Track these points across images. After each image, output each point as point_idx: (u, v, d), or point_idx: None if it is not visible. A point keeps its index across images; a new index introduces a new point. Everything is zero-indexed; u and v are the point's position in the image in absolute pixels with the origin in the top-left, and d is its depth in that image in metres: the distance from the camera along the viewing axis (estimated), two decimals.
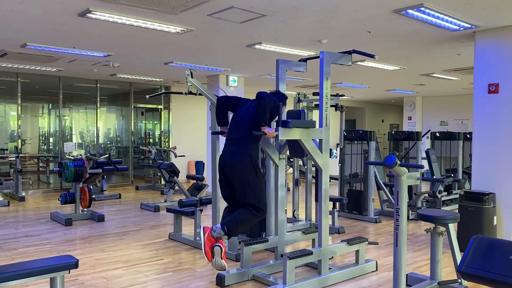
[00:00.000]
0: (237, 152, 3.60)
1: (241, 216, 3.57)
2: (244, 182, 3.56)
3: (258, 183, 3.63)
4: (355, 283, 4.04)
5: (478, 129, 5.24)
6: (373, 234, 6.01)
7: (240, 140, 3.64)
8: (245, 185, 3.57)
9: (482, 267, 2.33)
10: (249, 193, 3.56)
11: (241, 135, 3.64)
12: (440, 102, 13.85)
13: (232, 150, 3.66)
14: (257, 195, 3.58)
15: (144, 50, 6.78)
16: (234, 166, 3.59)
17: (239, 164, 3.56)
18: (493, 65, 5.09)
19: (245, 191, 3.57)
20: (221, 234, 3.51)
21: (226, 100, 3.98)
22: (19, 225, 6.34)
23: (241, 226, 3.62)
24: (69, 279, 3.98)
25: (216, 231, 3.51)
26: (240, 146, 3.62)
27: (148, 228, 6.22)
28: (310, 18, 4.84)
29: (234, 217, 3.57)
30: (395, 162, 3.09)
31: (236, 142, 3.66)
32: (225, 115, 4.00)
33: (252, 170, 3.57)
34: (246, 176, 3.55)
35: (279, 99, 3.73)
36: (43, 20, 5.00)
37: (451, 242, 3.62)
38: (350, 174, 7.27)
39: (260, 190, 3.63)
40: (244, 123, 3.65)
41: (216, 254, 3.46)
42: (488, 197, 4.93)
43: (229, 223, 3.54)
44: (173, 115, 11.79)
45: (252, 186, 3.57)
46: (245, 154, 3.58)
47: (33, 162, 10.88)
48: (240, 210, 3.60)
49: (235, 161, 3.59)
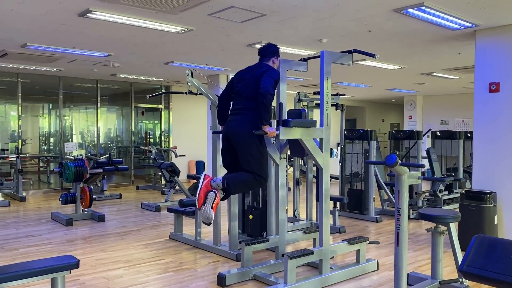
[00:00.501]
0: (243, 121, 3.58)
1: (243, 177, 3.56)
2: (248, 149, 3.55)
3: (262, 151, 3.63)
4: (356, 282, 4.04)
5: (479, 128, 5.24)
6: (374, 234, 6.00)
7: (246, 110, 3.61)
8: (249, 152, 3.55)
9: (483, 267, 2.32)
10: (252, 160, 3.55)
11: (247, 106, 3.61)
12: (441, 101, 13.84)
13: (238, 119, 3.64)
14: (260, 163, 3.58)
15: (144, 50, 6.77)
16: (239, 133, 3.58)
17: (245, 131, 3.53)
18: (493, 64, 5.08)
19: (248, 158, 3.56)
20: (219, 187, 3.48)
21: (224, 91, 3.95)
22: (20, 225, 6.34)
23: (241, 186, 3.61)
24: (70, 279, 3.98)
25: (216, 182, 3.48)
26: (246, 115, 3.59)
27: (149, 228, 6.22)
28: (310, 17, 4.84)
29: (237, 176, 3.57)
30: (396, 161, 3.08)
31: (242, 112, 3.64)
32: (226, 114, 3.99)
33: (256, 138, 3.57)
34: (251, 144, 3.54)
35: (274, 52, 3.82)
36: (43, 20, 5.00)
37: (452, 242, 3.61)
38: (350, 174, 7.26)
39: (263, 158, 3.62)
40: (249, 93, 3.60)
41: (208, 201, 3.41)
42: (489, 196, 4.93)
43: (230, 179, 3.52)
44: (174, 114, 11.79)
45: (255, 154, 3.56)
46: (250, 122, 3.54)
47: (33, 162, 10.88)
48: (243, 172, 3.58)
49: (241, 128, 3.57)
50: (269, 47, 3.88)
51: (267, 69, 3.62)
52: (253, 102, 3.52)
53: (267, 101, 3.40)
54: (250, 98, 3.58)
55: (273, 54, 3.84)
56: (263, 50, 3.88)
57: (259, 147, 3.59)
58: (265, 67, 3.67)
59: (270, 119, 3.49)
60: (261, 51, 3.89)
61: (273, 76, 3.52)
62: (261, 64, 3.78)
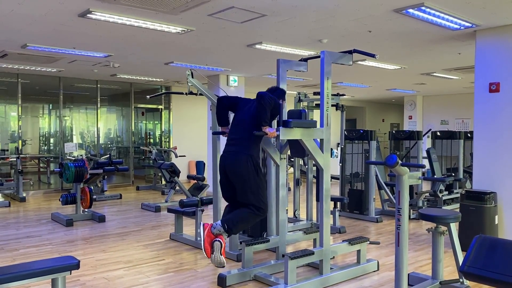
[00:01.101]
0: (238, 152, 3.61)
1: (242, 215, 3.57)
2: (245, 181, 3.56)
3: (259, 182, 3.63)
4: (357, 283, 4.04)
5: (479, 128, 5.24)
6: (374, 234, 6.00)
7: (241, 140, 3.64)
8: (246, 184, 3.57)
9: (484, 267, 2.32)
10: (250, 193, 3.56)
11: (242, 135, 3.65)
12: (441, 101, 13.84)
13: (233, 150, 3.67)
14: (258, 194, 3.58)
15: (144, 51, 6.77)
16: (234, 166, 3.59)
17: (240, 163, 3.56)
18: (494, 64, 5.08)
19: (246, 191, 3.57)
20: (221, 231, 3.50)
21: (227, 100, 3.98)
22: (20, 226, 6.34)
23: (242, 224, 3.62)
24: (70, 280, 3.98)
25: (216, 228, 3.50)
26: (241, 146, 3.62)
27: (149, 229, 6.22)
28: (310, 17, 4.84)
29: (235, 215, 3.58)
30: (397, 161, 3.08)
31: (237, 142, 3.67)
32: (225, 115, 4.00)
33: (253, 170, 3.57)
34: (247, 176, 3.55)
35: (279, 95, 3.78)
36: (43, 20, 5.00)
37: (453, 242, 3.61)
38: (351, 174, 7.26)
39: (261, 190, 3.63)
40: (245, 123, 3.65)
41: (215, 250, 3.44)
42: (489, 196, 4.92)
43: (230, 221, 3.53)
44: (174, 115, 11.79)
45: (253, 186, 3.56)
46: (245, 153, 3.59)
47: (33, 163, 10.88)
48: (241, 208, 3.60)
49: (236, 161, 3.59)
50: (277, 89, 3.93)
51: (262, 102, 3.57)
52: (247, 136, 3.58)
53: (265, 102, 3.40)
54: (246, 129, 3.61)
55: (279, 97, 3.81)
56: (271, 89, 3.91)
57: (256, 178, 3.58)
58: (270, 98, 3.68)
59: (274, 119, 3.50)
60: (269, 89, 3.92)
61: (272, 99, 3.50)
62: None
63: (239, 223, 3.56)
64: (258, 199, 3.58)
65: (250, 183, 3.56)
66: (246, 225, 3.72)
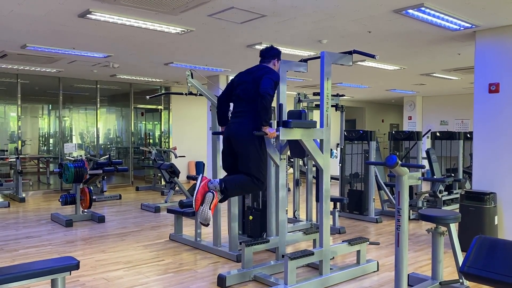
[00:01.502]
0: (243, 123, 3.58)
1: (241, 180, 3.55)
2: (248, 150, 3.55)
3: (262, 155, 3.62)
4: (357, 283, 4.04)
5: (478, 128, 5.24)
6: (374, 234, 6.00)
7: (246, 113, 3.61)
8: (248, 154, 3.55)
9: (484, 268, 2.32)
10: (251, 163, 3.54)
11: (247, 108, 3.61)
12: (440, 102, 13.84)
13: (238, 121, 3.64)
14: (259, 167, 3.57)
15: (144, 51, 6.77)
16: (239, 134, 3.58)
17: (245, 132, 3.53)
18: (493, 64, 5.08)
19: (248, 161, 3.55)
20: (217, 188, 3.45)
21: (223, 94, 3.94)
22: (20, 226, 6.33)
23: (239, 189, 3.60)
24: (70, 280, 3.97)
25: (214, 183, 3.46)
26: (246, 118, 3.59)
27: (149, 229, 6.22)
28: (310, 18, 4.84)
29: (235, 178, 3.56)
30: (396, 162, 3.08)
31: (242, 115, 3.64)
32: (225, 115, 3.98)
33: (257, 141, 3.56)
34: (251, 146, 3.53)
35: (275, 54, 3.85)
36: (43, 21, 5.00)
37: (453, 242, 3.61)
38: (350, 174, 7.26)
39: (262, 162, 3.61)
40: (249, 95, 3.59)
41: (206, 202, 3.37)
42: (489, 196, 4.93)
43: (228, 182, 3.50)
44: (173, 115, 11.79)
45: (255, 157, 3.55)
46: (251, 124, 3.53)
47: (33, 163, 10.87)
48: (241, 175, 3.58)
49: (241, 130, 3.57)
50: (271, 50, 3.89)
51: (267, 71, 3.62)
52: (253, 105, 3.53)
53: (266, 102, 3.39)
54: (250, 101, 3.58)
55: (274, 57, 3.84)
56: (264, 52, 3.88)
57: (259, 150, 3.58)
58: (265, 69, 3.67)
59: (270, 119, 3.49)
60: (262, 53, 3.89)
61: (272, 78, 3.53)
62: (261, 66, 3.78)
63: (237, 186, 3.53)
64: (258, 171, 3.55)
65: (253, 153, 3.54)
66: (243, 190, 3.70)
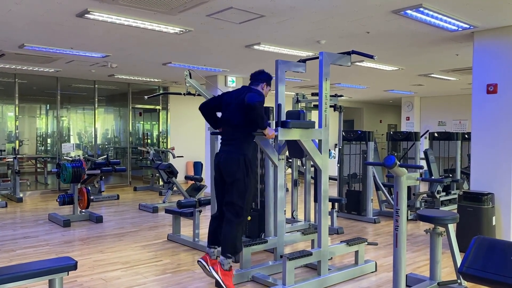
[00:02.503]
0: (231, 151, 3.63)
1: (230, 235, 3.53)
2: (234, 180, 3.58)
3: (248, 184, 3.61)
4: (355, 283, 4.04)
5: (476, 129, 5.25)
6: (372, 235, 6.01)
7: (232, 141, 3.66)
8: (235, 183, 3.58)
9: (483, 268, 2.32)
10: (236, 192, 3.56)
11: (232, 136, 3.65)
12: (438, 103, 13.86)
13: (226, 150, 3.69)
14: (243, 197, 3.57)
15: (142, 51, 6.76)
16: (227, 164, 3.62)
17: (232, 162, 3.58)
18: (491, 65, 5.09)
19: (233, 190, 3.58)
20: (230, 262, 3.52)
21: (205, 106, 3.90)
22: (17, 227, 6.31)
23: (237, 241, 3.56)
24: (67, 280, 3.96)
25: (224, 263, 3.51)
26: (232, 146, 3.64)
27: (147, 229, 6.20)
28: (308, 18, 4.84)
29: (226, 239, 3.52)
30: (395, 162, 3.08)
31: (229, 143, 3.69)
32: (214, 121, 3.95)
33: (243, 170, 3.57)
34: (238, 175, 3.56)
35: (265, 78, 3.76)
36: (41, 20, 4.98)
37: (451, 243, 3.62)
38: (348, 175, 7.27)
39: (247, 193, 3.59)
40: (232, 122, 3.61)
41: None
42: (487, 197, 4.94)
43: (227, 248, 3.49)
44: (171, 115, 11.77)
45: (241, 187, 3.56)
46: (238, 153, 3.60)
47: (31, 163, 10.84)
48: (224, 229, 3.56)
49: (228, 160, 3.62)
50: (261, 73, 3.82)
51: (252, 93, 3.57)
52: (240, 131, 3.56)
53: (258, 111, 3.40)
54: (237, 127, 3.59)
55: (262, 81, 3.77)
56: (254, 75, 3.82)
57: (245, 180, 3.56)
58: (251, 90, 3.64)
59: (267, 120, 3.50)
60: (252, 75, 3.83)
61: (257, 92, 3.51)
62: (247, 89, 3.71)
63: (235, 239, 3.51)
64: (243, 201, 3.57)
65: (239, 183, 3.56)
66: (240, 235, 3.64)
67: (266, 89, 3.79)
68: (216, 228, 3.71)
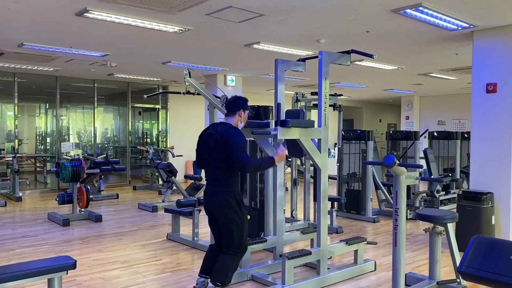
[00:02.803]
0: (218, 191, 3.45)
1: (225, 264, 3.44)
2: (227, 221, 3.43)
3: (243, 220, 3.46)
4: (354, 283, 4.04)
5: (476, 128, 5.24)
6: (371, 234, 6.01)
7: (216, 180, 3.47)
8: (228, 224, 3.43)
9: (482, 267, 2.32)
10: (232, 232, 3.42)
11: (215, 175, 3.47)
12: (438, 102, 13.87)
13: (212, 189, 3.51)
14: (240, 234, 3.45)
15: (141, 50, 6.76)
16: (216, 206, 3.45)
17: (221, 203, 3.41)
18: (491, 64, 5.09)
19: (228, 231, 3.44)
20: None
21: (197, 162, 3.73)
22: (16, 226, 6.31)
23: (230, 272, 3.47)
24: (66, 279, 3.96)
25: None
26: (217, 184, 3.45)
27: (146, 229, 6.20)
28: (308, 17, 4.83)
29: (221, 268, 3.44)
30: (394, 162, 3.08)
31: (214, 182, 3.50)
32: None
33: (235, 207, 3.40)
34: (229, 215, 3.40)
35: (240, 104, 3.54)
36: (40, 19, 4.98)
37: (450, 242, 3.62)
38: (348, 174, 7.27)
39: (242, 229, 3.46)
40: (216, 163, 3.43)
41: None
42: (486, 196, 4.93)
43: (217, 278, 3.41)
44: (171, 114, 11.77)
45: (234, 225, 3.42)
46: (225, 191, 3.41)
47: (30, 162, 10.84)
48: (221, 257, 3.47)
49: (217, 200, 3.44)
50: (235, 100, 3.58)
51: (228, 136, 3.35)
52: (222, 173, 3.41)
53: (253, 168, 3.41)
54: (218, 168, 3.42)
55: (238, 108, 3.53)
56: (229, 104, 3.58)
57: (235, 218, 3.41)
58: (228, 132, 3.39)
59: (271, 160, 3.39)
60: (227, 105, 3.60)
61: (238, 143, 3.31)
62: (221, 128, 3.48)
63: (228, 272, 3.43)
64: (241, 239, 3.45)
65: (233, 223, 3.41)
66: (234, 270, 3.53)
67: (245, 114, 3.57)
68: (211, 258, 3.57)
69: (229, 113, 3.55)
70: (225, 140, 3.33)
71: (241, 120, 3.57)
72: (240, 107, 3.54)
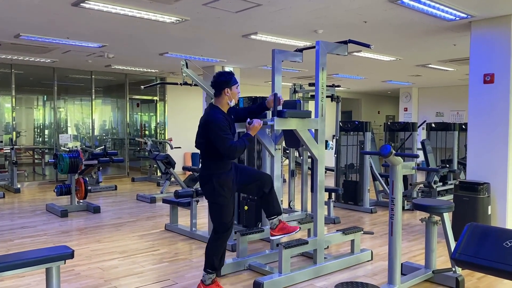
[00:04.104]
0: (201, 175, 3.52)
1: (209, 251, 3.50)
2: (209, 202, 3.51)
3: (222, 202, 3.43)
4: (351, 272, 4.07)
5: (473, 119, 5.25)
6: (368, 224, 6.04)
7: (203, 161, 3.52)
8: (210, 204, 3.52)
9: (476, 254, 2.34)
10: (213, 212, 3.49)
11: (202, 157, 3.53)
12: (436, 93, 13.87)
13: (199, 173, 3.59)
14: (219, 216, 3.46)
15: (139, 41, 6.73)
16: (201, 187, 3.55)
17: (202, 184, 3.49)
18: (488, 55, 5.09)
19: (210, 212, 3.53)
20: (212, 276, 3.47)
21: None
22: (15, 217, 6.32)
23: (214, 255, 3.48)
24: (65, 269, 3.98)
25: (205, 279, 3.47)
26: (203, 167, 3.50)
27: (144, 219, 6.22)
28: (306, 7, 4.81)
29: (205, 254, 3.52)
30: (390, 151, 3.10)
31: (201, 164, 3.56)
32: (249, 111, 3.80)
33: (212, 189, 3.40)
34: (210, 197, 3.47)
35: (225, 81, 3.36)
36: (36, 9, 4.95)
37: (446, 231, 3.64)
38: (346, 165, 7.29)
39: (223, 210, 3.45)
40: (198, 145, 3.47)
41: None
42: (483, 187, 4.96)
43: (206, 264, 3.48)
44: (169, 106, 11.75)
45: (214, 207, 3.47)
46: (206, 173, 3.45)
47: (28, 154, 10.84)
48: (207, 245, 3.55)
49: (201, 183, 3.52)
50: (218, 78, 3.39)
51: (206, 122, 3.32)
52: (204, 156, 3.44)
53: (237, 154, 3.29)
54: (201, 152, 3.47)
55: (222, 86, 3.35)
56: (213, 83, 3.43)
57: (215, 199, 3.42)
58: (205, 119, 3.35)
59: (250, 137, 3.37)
60: (212, 84, 3.44)
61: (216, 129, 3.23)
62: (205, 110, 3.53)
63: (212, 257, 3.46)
64: (219, 220, 3.46)
65: (213, 205, 3.47)
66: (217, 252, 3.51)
67: (232, 90, 3.37)
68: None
69: (215, 95, 3.42)
70: (205, 126, 3.33)
71: (230, 98, 3.38)
72: (224, 85, 3.34)
